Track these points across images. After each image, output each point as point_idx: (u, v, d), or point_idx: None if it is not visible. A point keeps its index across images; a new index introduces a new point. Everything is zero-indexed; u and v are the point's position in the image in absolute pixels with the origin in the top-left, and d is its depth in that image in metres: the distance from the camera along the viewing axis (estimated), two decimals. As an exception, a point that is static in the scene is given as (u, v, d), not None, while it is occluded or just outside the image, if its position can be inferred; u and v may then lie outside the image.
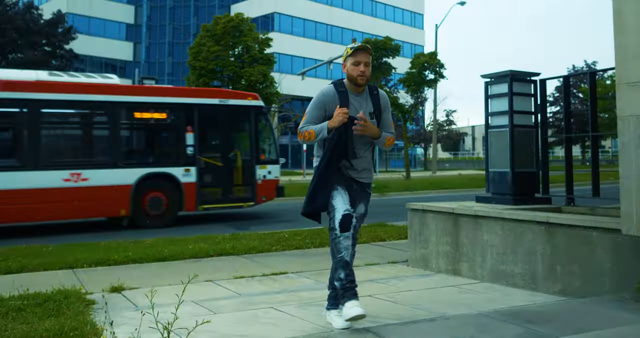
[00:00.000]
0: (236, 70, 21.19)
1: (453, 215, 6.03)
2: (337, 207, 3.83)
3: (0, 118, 12.17)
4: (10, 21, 36.85)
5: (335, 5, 58.33)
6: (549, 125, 31.93)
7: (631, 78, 4.25)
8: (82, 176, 11.56)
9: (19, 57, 37.29)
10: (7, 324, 4.17)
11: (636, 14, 4.28)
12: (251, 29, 21.37)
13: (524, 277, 5.23)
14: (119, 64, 57.84)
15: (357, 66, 3.87)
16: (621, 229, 4.26)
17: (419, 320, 3.83)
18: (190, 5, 59.75)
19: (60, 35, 40.04)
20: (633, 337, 2.79)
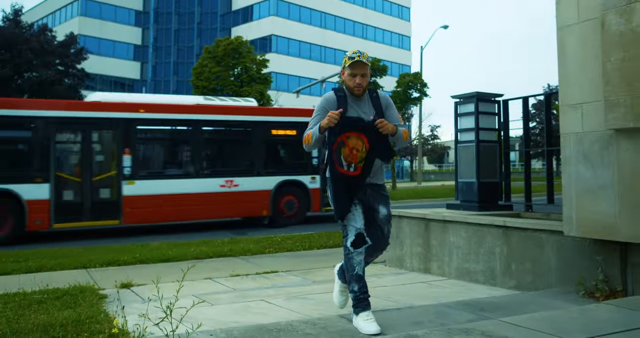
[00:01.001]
0: (235, 89, 21.54)
1: (425, 220, 6.35)
2: (349, 227, 3.71)
3: (172, 134, 13.95)
4: (26, 42, 37.05)
5: (329, 28, 58.76)
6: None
7: (571, 101, 4.60)
8: (234, 183, 13.27)
9: (34, 75, 37.49)
10: (30, 314, 4.43)
11: (575, 46, 4.62)
12: (249, 51, 21.77)
13: (484, 274, 5.54)
14: (127, 82, 57.97)
15: (354, 77, 3.74)
16: (564, 231, 4.60)
17: (388, 309, 4.14)
18: (194, 27, 60.03)
19: (73, 55, 40.23)
20: (560, 318, 3.10)
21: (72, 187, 11.86)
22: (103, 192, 12.16)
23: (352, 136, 3.68)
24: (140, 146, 13.04)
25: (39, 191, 11.28)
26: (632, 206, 4.03)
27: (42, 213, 11.28)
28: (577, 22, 4.63)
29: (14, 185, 11.14)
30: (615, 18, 4.15)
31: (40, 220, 11.27)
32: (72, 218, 11.69)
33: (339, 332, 3.39)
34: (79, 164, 12.27)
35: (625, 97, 4.01)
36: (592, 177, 4.33)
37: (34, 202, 11.18)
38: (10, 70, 36.40)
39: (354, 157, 3.69)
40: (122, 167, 12.19)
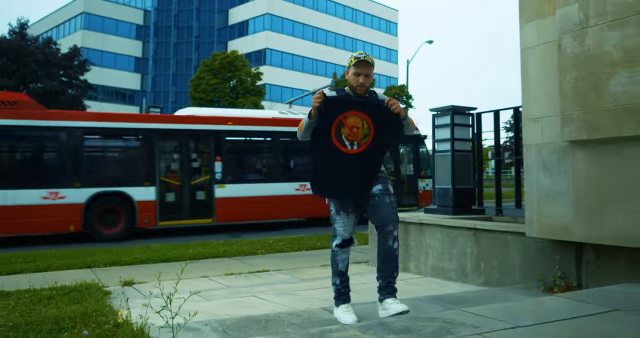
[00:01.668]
0: (231, 101, 21.78)
1: (403, 223, 6.56)
2: (338, 232, 3.77)
3: (255, 144, 14.96)
4: (31, 54, 37.11)
5: (320, 42, 59.16)
6: (505, 149, 32.35)
7: (532, 115, 4.86)
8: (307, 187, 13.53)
9: (39, 86, 37.54)
10: (41, 308, 4.60)
11: (536, 66, 4.89)
12: (244, 64, 22.03)
13: (457, 272, 5.78)
14: (128, 93, 58.02)
15: (358, 77, 3.66)
16: (526, 233, 4.86)
17: (366, 303, 4.34)
18: (192, 41, 60.24)
19: (76, 67, 40.32)
20: (514, 308, 3.34)
21: (173, 190, 13.12)
22: (199, 194, 13.37)
23: (349, 115, 3.60)
24: (228, 154, 13.98)
25: (147, 193, 12.47)
26: (585, 210, 4.29)
27: (149, 212, 12.49)
28: (538, 44, 4.90)
29: (127, 188, 12.32)
30: (570, 41, 4.41)
31: (148, 218, 12.50)
32: (174, 217, 12.93)
33: (320, 321, 3.62)
34: (178, 169, 13.51)
35: (579, 112, 4.27)
36: (551, 183, 4.59)
37: (143, 203, 12.39)
38: (16, 81, 36.46)
39: (355, 134, 3.60)
40: (214, 172, 13.35)
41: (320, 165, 3.74)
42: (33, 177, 11.65)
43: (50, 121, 11.82)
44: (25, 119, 11.39)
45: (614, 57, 4.07)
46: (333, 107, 3.58)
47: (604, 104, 4.10)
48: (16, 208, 11.07)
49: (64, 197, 11.53)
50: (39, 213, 11.24)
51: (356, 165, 3.62)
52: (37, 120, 11.59)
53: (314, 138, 3.66)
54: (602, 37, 4.17)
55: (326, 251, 8.50)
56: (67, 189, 11.59)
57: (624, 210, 3.98)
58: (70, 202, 11.57)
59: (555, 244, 4.70)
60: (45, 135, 12.05)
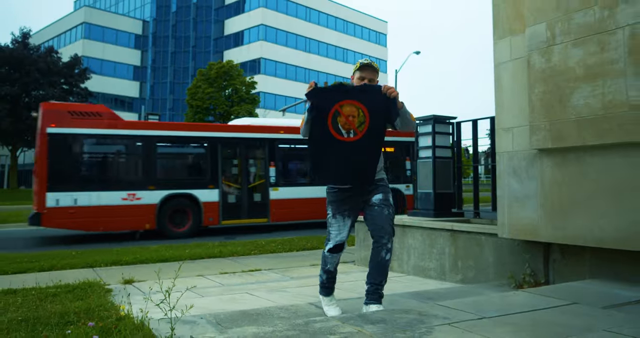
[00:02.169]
0: (226, 109, 21.93)
1: (388, 225, 6.75)
2: (331, 238, 3.78)
3: (303, 151, 15.03)
4: (33, 63, 37.20)
5: (312, 52, 59.48)
6: (488, 155, 32.46)
7: (504, 125, 5.08)
8: None
9: (41, 94, 37.56)
10: (47, 305, 4.73)
11: (508, 80, 5.09)
12: (239, 73, 22.20)
13: (436, 270, 5.97)
14: (127, 100, 58.04)
15: (362, 81, 3.66)
16: (498, 234, 5.06)
17: (350, 298, 4.55)
18: (189, 50, 60.40)
19: (77, 75, 40.45)
20: (482, 302, 3.53)
21: (233, 192, 13.99)
22: (256, 196, 14.25)
23: (345, 104, 3.55)
24: (281, 159, 14.84)
25: (212, 195, 13.44)
26: (551, 213, 4.50)
27: (213, 212, 13.44)
28: (510, 59, 5.10)
29: (195, 190, 13.27)
30: (538, 57, 4.63)
31: (212, 218, 13.45)
32: (234, 216, 13.83)
33: (306, 314, 3.80)
34: (238, 174, 14.27)
35: (546, 122, 4.49)
36: (520, 188, 4.80)
37: (208, 204, 13.34)
38: (19, 88, 36.50)
39: (351, 123, 3.55)
40: (269, 176, 14.31)
41: (317, 154, 3.67)
42: (114, 180, 12.60)
43: (128, 130, 12.96)
44: (107, 128, 12.44)
45: (577, 73, 4.28)
46: (328, 97, 3.55)
47: (568, 115, 4.31)
48: (99, 208, 12.04)
49: (141, 199, 12.56)
50: (119, 213, 12.25)
51: (354, 152, 3.57)
52: (117, 129, 12.67)
53: (312, 129, 3.62)
54: (567, 54, 4.38)
55: (315, 252, 8.70)
56: (143, 191, 12.61)
57: (585, 213, 4.19)
58: (145, 203, 12.60)
59: (525, 244, 4.90)
60: (124, 142, 13.04)
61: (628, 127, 3.86)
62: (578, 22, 4.32)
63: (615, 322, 2.94)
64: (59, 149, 11.78)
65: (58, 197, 11.57)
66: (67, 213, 11.62)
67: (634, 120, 3.82)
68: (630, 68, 3.90)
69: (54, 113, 11.93)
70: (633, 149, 3.87)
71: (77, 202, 11.76)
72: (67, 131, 11.80)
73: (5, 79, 35.94)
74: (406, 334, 2.69)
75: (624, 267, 4.17)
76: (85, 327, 3.48)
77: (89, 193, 11.93)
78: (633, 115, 3.83)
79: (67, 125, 11.78)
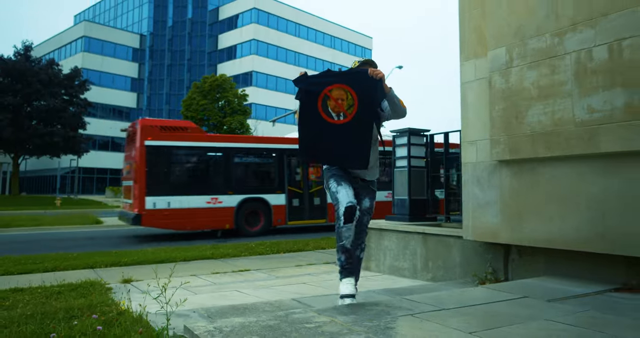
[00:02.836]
0: (220, 120, 22.14)
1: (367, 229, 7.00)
2: (341, 201, 3.54)
3: None
4: (35, 75, 37.13)
5: (302, 66, 59.76)
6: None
7: (469, 138, 5.36)
8: None
9: (42, 104, 37.51)
10: (52, 301, 4.89)
11: (473, 98, 5.37)
12: (232, 86, 22.45)
13: (409, 270, 6.22)
14: (125, 110, 57.94)
15: None
16: (463, 236, 5.34)
17: (331, 294, 4.78)
18: (184, 63, 60.52)
19: (77, 86, 40.38)
20: (444, 296, 3.79)
21: (297, 196, 14.91)
22: (316, 200, 15.18)
23: (333, 89, 3.53)
24: None
25: (280, 199, 14.55)
26: (509, 217, 4.78)
27: (281, 214, 14.58)
28: (475, 79, 5.40)
29: (266, 195, 14.42)
30: (498, 78, 4.92)
31: (280, 219, 14.56)
32: (298, 218, 14.83)
33: (288, 308, 4.02)
34: (300, 180, 15.19)
35: (504, 137, 4.78)
36: (482, 195, 5.08)
37: (276, 207, 14.48)
38: (21, 99, 36.43)
39: (340, 106, 3.54)
40: None
41: (307, 135, 3.60)
42: (199, 186, 13.75)
43: (210, 143, 14.25)
44: (193, 141, 13.66)
45: (532, 93, 4.58)
46: (317, 82, 3.53)
47: (523, 130, 4.61)
48: (188, 211, 13.26)
49: (222, 202, 13.78)
50: (204, 215, 13.48)
51: (345, 134, 3.54)
52: (201, 142, 13.94)
53: (302, 113, 3.59)
54: (523, 76, 4.68)
55: (300, 253, 8.93)
56: (223, 196, 13.84)
57: (538, 217, 4.48)
58: (225, 206, 13.81)
59: (487, 246, 5.18)
60: (207, 153, 14.25)
61: (573, 141, 4.16)
62: (533, 47, 4.63)
63: (555, 313, 3.22)
64: (155, 159, 12.90)
65: (155, 200, 12.77)
66: (162, 214, 12.84)
67: (577, 135, 4.12)
68: (576, 89, 4.21)
69: (149, 128, 13.03)
70: (577, 161, 4.18)
71: (170, 205, 12.98)
72: (161, 144, 12.98)
73: (8, 90, 35.83)
74: (373, 323, 2.94)
75: (571, 266, 4.47)
76: (90, 319, 3.69)
77: (179, 197, 13.16)
78: (577, 131, 4.13)
79: (160, 139, 12.96)
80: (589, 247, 4.07)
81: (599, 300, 3.60)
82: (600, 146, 3.98)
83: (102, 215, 21.29)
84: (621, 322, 3.00)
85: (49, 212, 24.11)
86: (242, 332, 2.74)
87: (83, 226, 16.73)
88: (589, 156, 4.10)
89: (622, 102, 3.88)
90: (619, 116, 3.88)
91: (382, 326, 2.87)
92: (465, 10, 5.56)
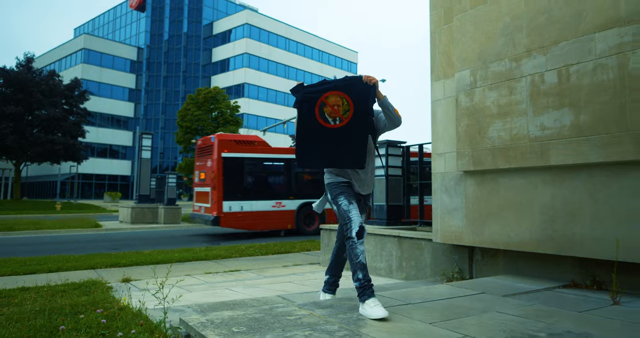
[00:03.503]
0: (213, 129, 22.33)
1: (347, 232, 7.24)
2: (353, 220, 3.40)
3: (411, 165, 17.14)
4: (36, 85, 37.05)
5: (291, 78, 60.18)
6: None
7: (438, 150, 5.65)
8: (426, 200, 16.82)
9: (44, 113, 37.39)
10: (58, 299, 5.01)
11: (442, 114, 5.66)
12: (225, 98, 22.66)
13: (385, 270, 6.48)
14: (123, 119, 57.76)
15: None
16: (432, 239, 5.60)
17: (311, 292, 5.01)
18: (180, 75, 60.53)
19: (77, 96, 40.33)
20: (411, 292, 4.04)
21: None
22: None
23: (330, 95, 3.51)
24: None
25: None
26: (472, 222, 5.06)
27: (333, 216, 15.33)
28: (444, 98, 5.69)
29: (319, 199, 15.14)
30: (464, 97, 5.22)
31: (332, 221, 15.27)
32: None
33: (272, 303, 4.24)
34: None
35: (469, 150, 5.06)
36: (450, 202, 5.36)
37: (328, 209, 14.70)
38: (23, 108, 36.31)
39: (336, 111, 3.51)
40: None
41: (305, 140, 3.56)
42: (266, 192, 15.14)
43: (274, 154, 15.43)
44: (260, 153, 15.01)
45: (492, 111, 4.87)
46: (313, 90, 3.53)
47: (485, 144, 4.90)
48: (257, 213, 14.69)
49: (284, 206, 15.18)
50: (270, 217, 14.89)
51: (341, 136, 3.51)
52: (267, 154, 15.23)
53: (300, 120, 3.57)
54: (485, 96, 4.97)
55: (287, 255, 9.13)
56: (286, 200, 15.22)
57: (497, 222, 4.76)
58: (288, 209, 15.24)
59: (453, 248, 5.46)
60: (272, 163, 15.50)
61: (527, 155, 4.46)
62: (493, 70, 4.92)
63: (506, 306, 3.49)
64: (230, 169, 14.28)
65: (230, 204, 14.19)
66: (236, 216, 14.23)
67: (531, 150, 4.42)
68: (530, 109, 4.51)
69: (225, 142, 14.47)
70: (531, 172, 4.47)
71: (243, 209, 14.36)
72: (235, 155, 14.43)
73: (10, 100, 35.73)
74: (346, 315, 3.19)
75: (526, 265, 4.75)
76: (94, 313, 3.89)
77: (250, 201, 14.57)
78: (531, 146, 4.43)
79: (234, 151, 14.42)
80: (540, 248, 4.36)
81: (547, 295, 3.88)
82: (550, 159, 4.28)
83: (101, 219, 21.32)
84: (561, 313, 3.28)
85: (50, 216, 24.04)
86: (230, 323, 2.97)
87: (83, 229, 16.78)
88: (541, 168, 4.40)
89: (569, 121, 4.18)
90: (567, 133, 4.18)
91: (354, 318, 3.12)
92: (436, 37, 5.86)
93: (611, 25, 4.00)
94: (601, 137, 3.93)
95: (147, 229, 17.55)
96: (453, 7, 5.58)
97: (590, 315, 3.22)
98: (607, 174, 3.93)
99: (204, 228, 18.02)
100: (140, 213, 19.70)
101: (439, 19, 5.86)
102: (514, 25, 4.76)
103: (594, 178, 4.03)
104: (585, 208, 4.05)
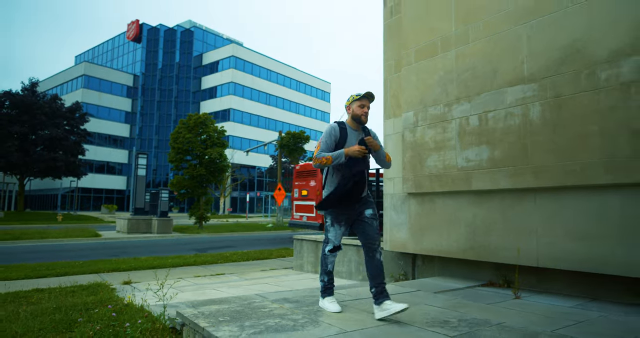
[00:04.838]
0: (202, 150, 22.67)
1: (315, 242, 7.69)
2: (331, 239, 3.59)
3: None
4: (40, 108, 36.61)
5: (272, 105, 60.74)
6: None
7: (389, 175, 6.15)
8: None
9: (46, 133, 36.90)
10: (68, 298, 5.30)
11: (392, 147, 6.16)
12: (212, 123, 23.04)
13: (347, 273, 6.91)
14: (120, 139, 57.10)
15: (363, 108, 3.53)
16: (384, 247, 6.10)
17: (283, 291, 5.42)
18: (172, 100, 60.39)
19: (77, 118, 39.91)
20: (362, 290, 4.52)
21: None
22: None
23: None
24: None
25: None
26: (414, 233, 5.58)
27: None
28: (393, 133, 6.24)
29: None
30: (408, 133, 5.77)
31: None
32: None
33: (251, 299, 4.65)
34: None
35: (411, 176, 5.60)
36: (397, 218, 5.88)
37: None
38: (28, 128, 35.83)
39: None
40: None
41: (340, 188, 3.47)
42: None
43: None
44: None
45: (430, 145, 5.43)
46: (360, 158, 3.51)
47: (424, 172, 5.45)
48: None
49: None
50: None
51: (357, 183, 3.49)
52: None
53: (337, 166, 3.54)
54: (424, 133, 5.54)
55: (265, 261, 9.49)
56: None
57: (433, 234, 5.29)
58: None
59: (400, 254, 5.96)
60: None
61: (456, 181, 5.02)
62: (431, 113, 5.49)
63: (434, 300, 3.99)
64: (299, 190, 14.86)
65: None
66: None
67: (459, 177, 4.99)
68: (458, 145, 5.08)
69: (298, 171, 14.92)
70: (458, 195, 5.03)
71: None
72: None
73: (16, 121, 35.21)
74: (309, 308, 3.64)
75: (456, 269, 5.28)
76: (105, 308, 4.24)
77: None
78: (459, 174, 5.00)
79: None
80: (465, 255, 4.90)
81: (468, 292, 4.41)
82: (472, 185, 4.85)
83: (100, 229, 21.21)
84: (475, 305, 3.80)
85: (53, 226, 23.74)
86: (217, 314, 3.39)
87: (84, 238, 16.73)
88: (466, 192, 4.96)
89: (487, 156, 4.76)
90: (485, 165, 4.76)
91: (315, 310, 3.57)
92: (388, 83, 6.44)
93: (517, 82, 4.62)
94: (509, 169, 4.52)
95: (142, 238, 17.60)
96: (402, 60, 6.17)
97: (494, 306, 3.75)
98: (514, 198, 4.51)
99: (193, 238, 18.12)
100: (136, 224, 19.73)
101: (391, 69, 6.44)
102: (447, 78, 5.36)
103: (504, 200, 4.61)
104: (498, 224, 4.62)
